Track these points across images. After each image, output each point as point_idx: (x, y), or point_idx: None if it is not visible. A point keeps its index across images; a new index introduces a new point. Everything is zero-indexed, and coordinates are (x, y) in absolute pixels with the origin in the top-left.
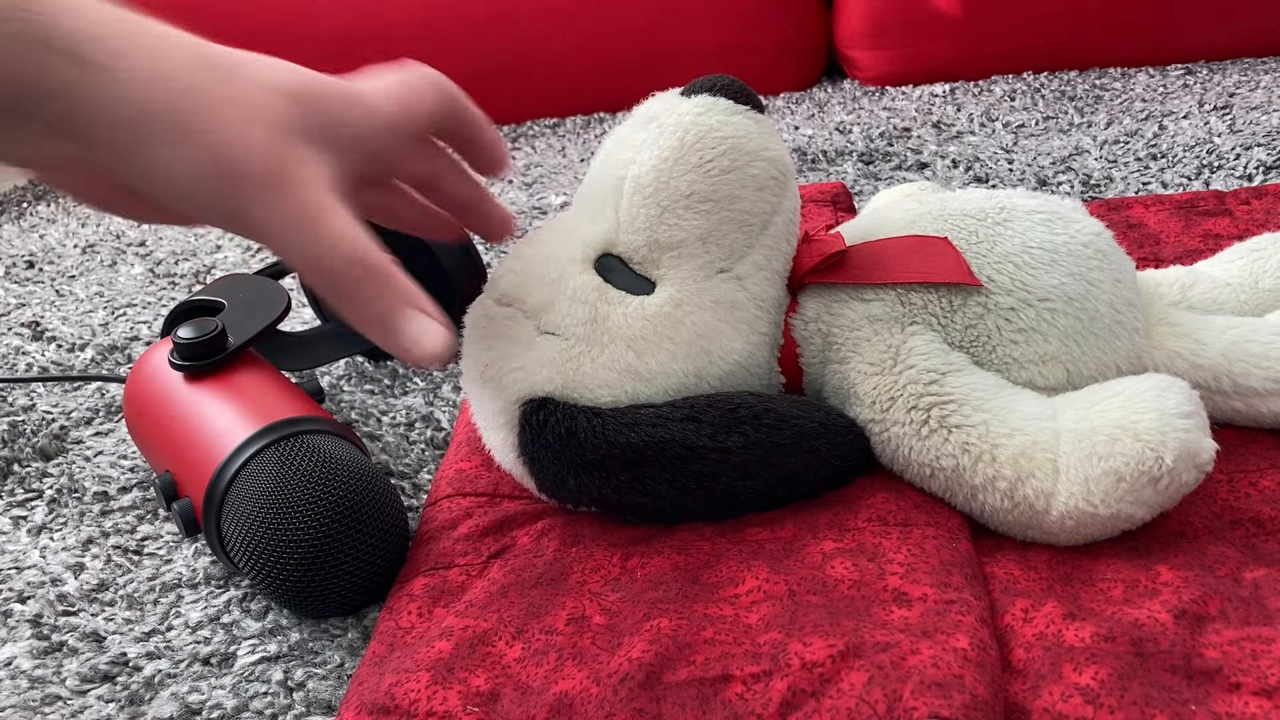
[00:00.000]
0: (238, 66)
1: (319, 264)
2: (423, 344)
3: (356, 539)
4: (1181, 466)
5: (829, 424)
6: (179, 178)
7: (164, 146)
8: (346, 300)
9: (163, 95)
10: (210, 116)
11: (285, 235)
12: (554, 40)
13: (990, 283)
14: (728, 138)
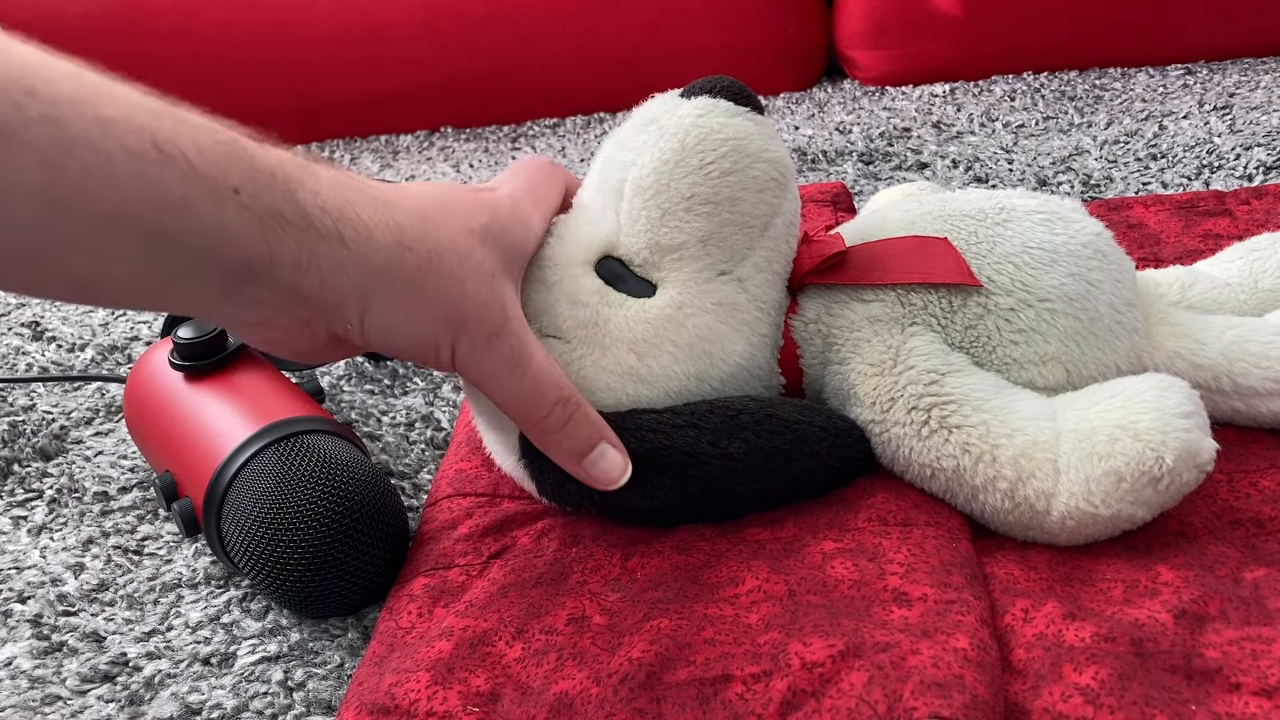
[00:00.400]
0: (441, 213)
1: (528, 403)
2: (611, 475)
3: (356, 539)
4: (1182, 466)
5: (830, 428)
6: (404, 329)
7: (393, 305)
8: (548, 436)
9: (391, 258)
10: (433, 271)
11: (498, 377)
12: (554, 40)
13: (990, 283)
14: (728, 140)
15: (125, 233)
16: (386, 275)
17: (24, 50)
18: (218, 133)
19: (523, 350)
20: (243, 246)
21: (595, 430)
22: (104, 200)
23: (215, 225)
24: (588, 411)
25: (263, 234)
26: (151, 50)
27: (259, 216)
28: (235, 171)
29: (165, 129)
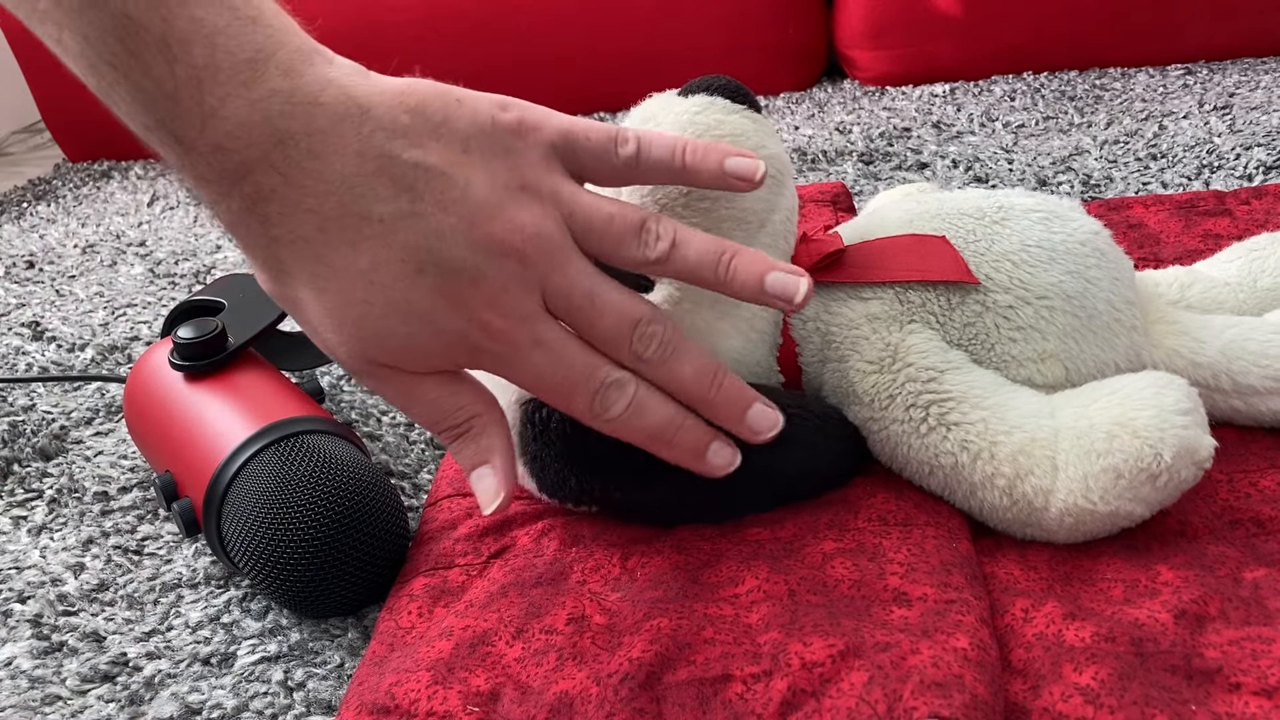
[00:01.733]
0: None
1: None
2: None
3: (356, 539)
4: (1180, 463)
5: (825, 415)
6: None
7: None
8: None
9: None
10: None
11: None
12: (554, 40)
13: (988, 281)
14: (724, 136)
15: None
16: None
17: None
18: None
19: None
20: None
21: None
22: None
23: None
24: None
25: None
26: None
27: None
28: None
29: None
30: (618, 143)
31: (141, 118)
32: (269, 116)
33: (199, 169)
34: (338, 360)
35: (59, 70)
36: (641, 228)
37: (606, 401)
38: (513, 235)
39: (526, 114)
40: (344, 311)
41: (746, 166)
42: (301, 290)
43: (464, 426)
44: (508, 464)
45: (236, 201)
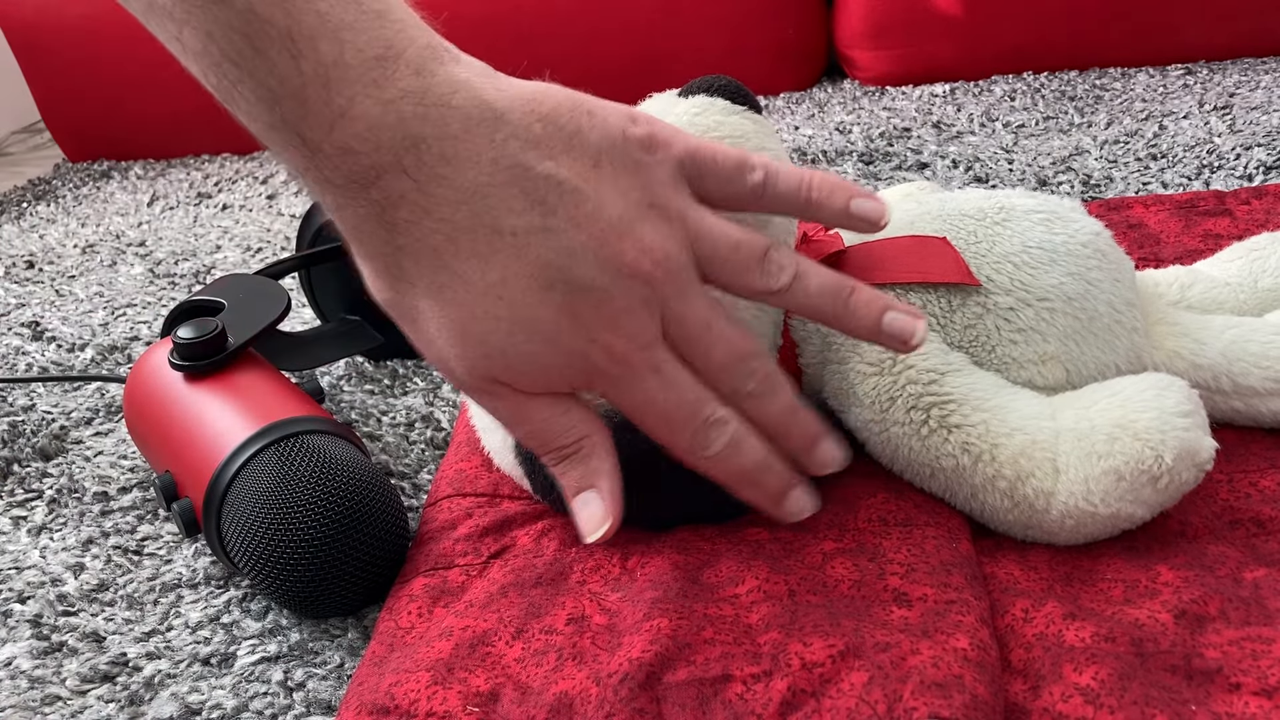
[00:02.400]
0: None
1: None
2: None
3: (356, 539)
4: (1181, 465)
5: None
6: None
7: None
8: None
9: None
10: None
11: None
12: (554, 40)
13: (989, 282)
14: (724, 137)
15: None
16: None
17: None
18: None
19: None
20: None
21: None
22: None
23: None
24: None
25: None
26: (152, 50)
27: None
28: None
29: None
30: (746, 169)
31: (264, 117)
32: (401, 118)
33: (325, 172)
34: (450, 374)
35: (59, 70)
36: (765, 257)
37: (708, 439)
38: (642, 258)
39: (656, 129)
40: (469, 325)
41: (873, 210)
42: (423, 301)
43: (573, 448)
44: (616, 489)
45: (364, 207)
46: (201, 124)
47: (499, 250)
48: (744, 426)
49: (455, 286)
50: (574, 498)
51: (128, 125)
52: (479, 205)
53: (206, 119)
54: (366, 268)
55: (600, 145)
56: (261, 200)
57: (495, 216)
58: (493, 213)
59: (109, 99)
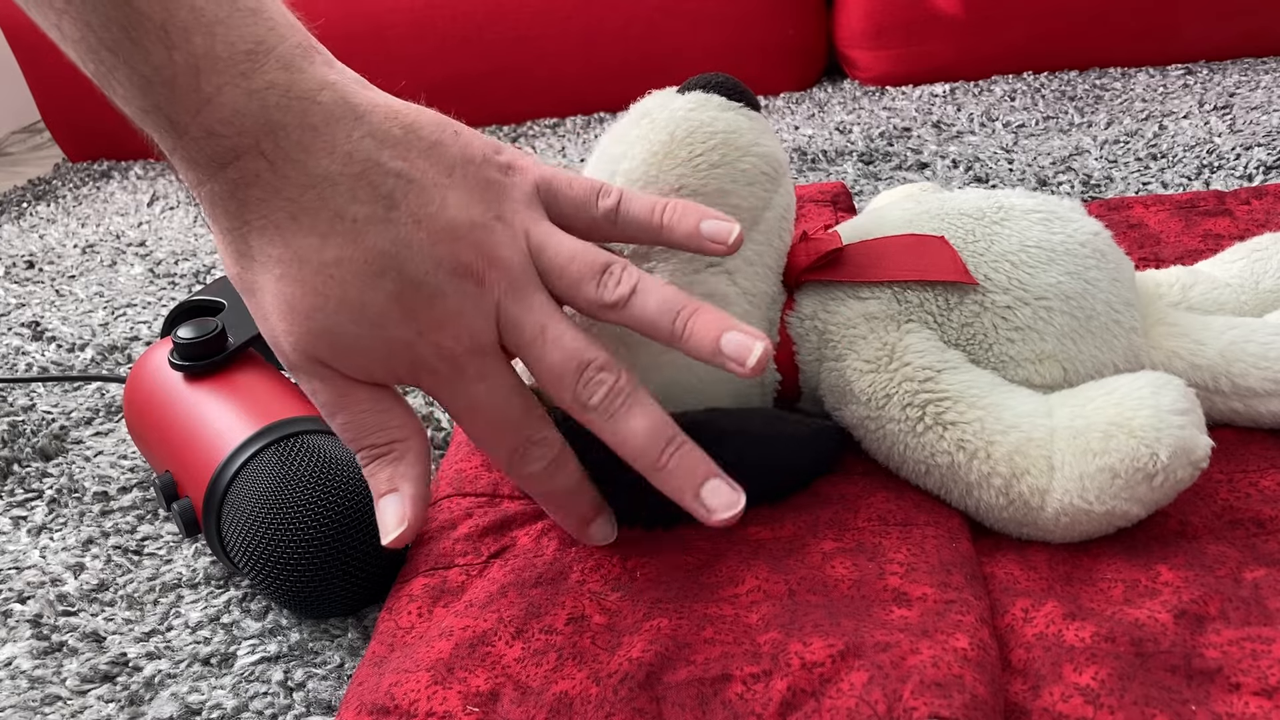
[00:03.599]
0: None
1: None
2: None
3: (356, 539)
4: (1176, 463)
5: (796, 435)
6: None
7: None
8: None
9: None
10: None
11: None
12: (554, 40)
13: (987, 281)
14: (718, 133)
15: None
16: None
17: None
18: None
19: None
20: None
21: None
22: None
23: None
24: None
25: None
26: None
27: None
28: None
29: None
30: (599, 195)
31: (138, 101)
32: (265, 107)
33: (189, 151)
34: (279, 350)
35: (59, 70)
36: (604, 270)
37: (529, 456)
38: (476, 259)
39: (516, 158)
40: (299, 301)
41: (721, 229)
42: (261, 275)
43: (385, 449)
44: (419, 495)
45: (220, 185)
46: None
47: (338, 233)
48: (566, 450)
49: (291, 262)
50: (379, 498)
51: (128, 125)
52: (326, 191)
53: None
54: (220, 243)
55: (457, 159)
56: None
57: (340, 203)
58: (338, 199)
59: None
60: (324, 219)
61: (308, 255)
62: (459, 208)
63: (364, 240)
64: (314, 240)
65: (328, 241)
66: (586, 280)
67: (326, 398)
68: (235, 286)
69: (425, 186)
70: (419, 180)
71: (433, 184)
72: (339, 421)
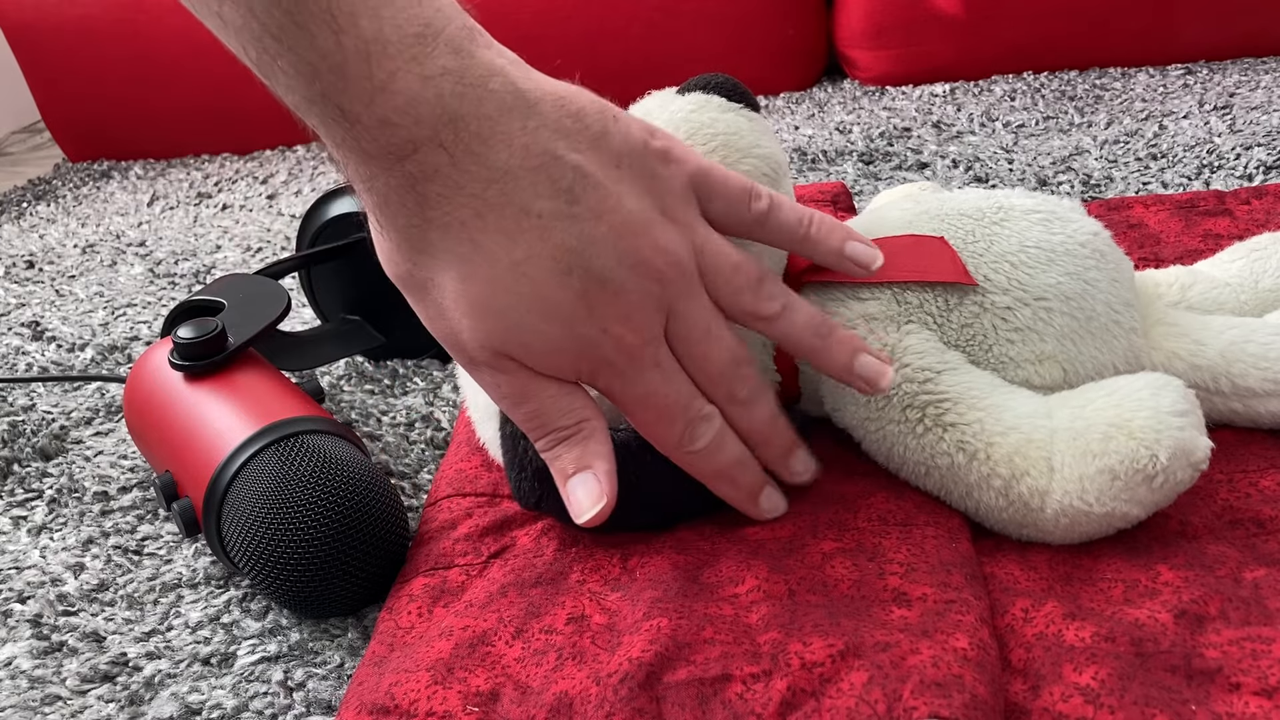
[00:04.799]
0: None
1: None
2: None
3: (356, 539)
4: (1176, 464)
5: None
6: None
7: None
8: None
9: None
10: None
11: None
12: (554, 40)
13: (987, 282)
14: (718, 134)
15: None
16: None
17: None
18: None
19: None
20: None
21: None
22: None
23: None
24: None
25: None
26: (152, 50)
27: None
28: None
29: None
30: (752, 196)
31: (303, 90)
32: (440, 95)
33: (363, 143)
34: (457, 346)
35: (59, 70)
36: (760, 283)
37: (696, 433)
38: (656, 256)
39: (673, 145)
40: (489, 299)
41: (865, 254)
42: (443, 274)
43: (573, 430)
44: (612, 472)
45: (396, 178)
46: (201, 124)
47: (525, 230)
48: (726, 425)
49: (479, 260)
50: (569, 479)
51: (128, 125)
52: (509, 185)
53: (206, 119)
54: (387, 240)
55: (622, 149)
56: (261, 200)
57: (524, 198)
58: (521, 194)
59: (109, 99)
60: (510, 215)
61: (497, 253)
62: (633, 202)
63: (551, 237)
64: (502, 239)
65: (516, 240)
66: (747, 290)
67: (511, 389)
68: (398, 283)
69: (601, 180)
70: (595, 174)
71: (607, 177)
72: (525, 410)
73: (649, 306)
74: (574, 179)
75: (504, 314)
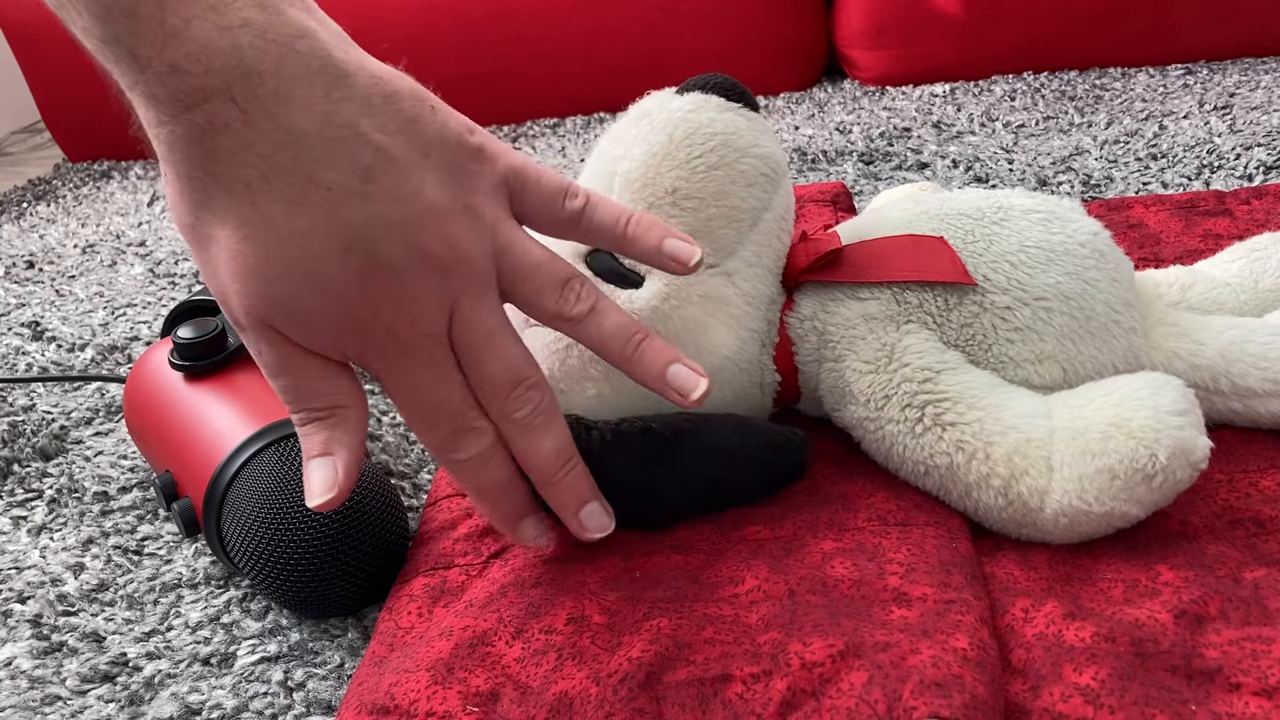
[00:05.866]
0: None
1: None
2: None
3: (356, 539)
4: (1175, 464)
5: (766, 444)
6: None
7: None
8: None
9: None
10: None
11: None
12: (554, 40)
13: (986, 281)
14: (717, 134)
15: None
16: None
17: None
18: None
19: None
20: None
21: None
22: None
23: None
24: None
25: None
26: None
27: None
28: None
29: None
30: (567, 195)
31: (97, 32)
32: (237, 46)
33: (150, 87)
34: (226, 307)
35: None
36: (565, 284)
37: (461, 443)
38: (445, 249)
39: (488, 143)
40: (262, 267)
41: (682, 250)
42: (220, 230)
43: (325, 413)
44: (353, 462)
45: (183, 127)
46: None
47: (311, 201)
48: (498, 444)
49: (258, 224)
50: (310, 459)
51: (128, 125)
52: (301, 152)
53: None
54: (174, 188)
55: (433, 139)
56: None
57: (315, 168)
58: (314, 163)
59: (109, 99)
60: (297, 183)
61: (277, 220)
62: (434, 192)
63: (339, 213)
64: (285, 206)
65: (299, 209)
66: (548, 291)
67: (271, 359)
68: (181, 232)
69: (404, 165)
70: (399, 158)
71: (410, 164)
72: (281, 383)
73: (429, 299)
74: (374, 159)
75: (274, 283)
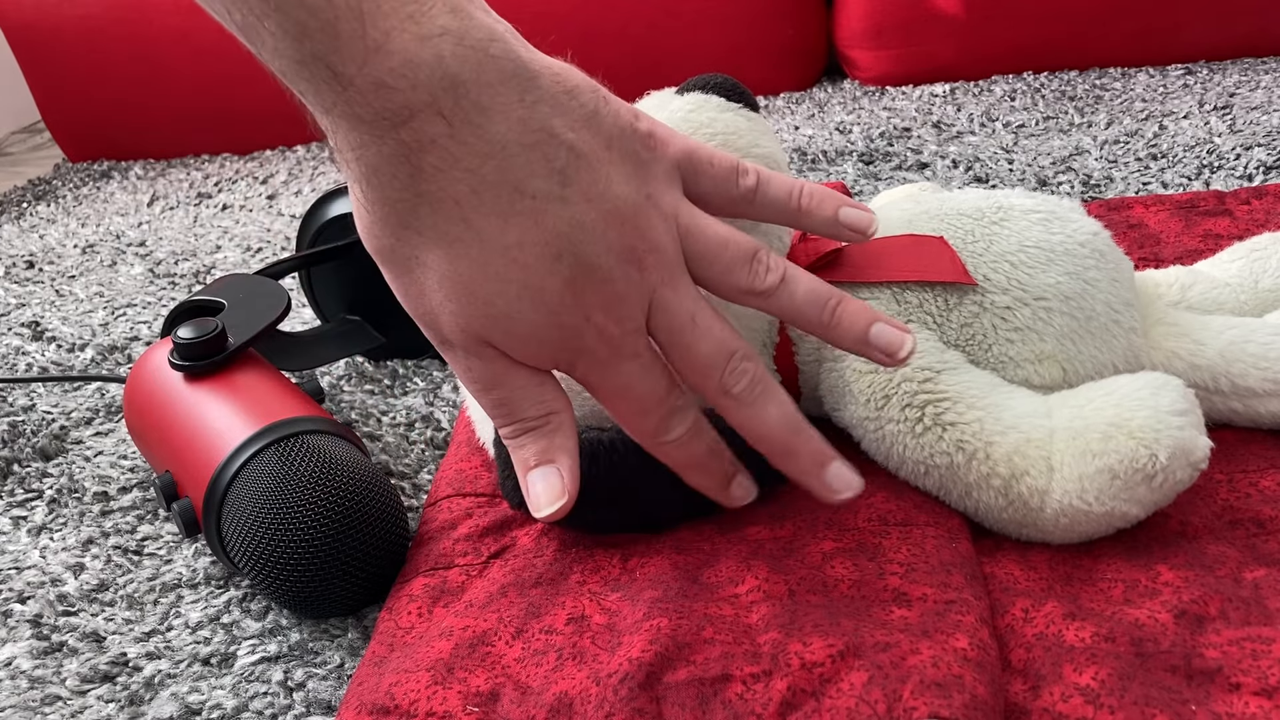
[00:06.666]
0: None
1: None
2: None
3: (356, 539)
4: (1176, 464)
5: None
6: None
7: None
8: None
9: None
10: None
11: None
12: (554, 40)
13: (986, 281)
14: (716, 134)
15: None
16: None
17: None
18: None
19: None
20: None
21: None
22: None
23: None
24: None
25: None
26: (152, 50)
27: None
28: None
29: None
30: (739, 173)
31: (291, 53)
32: (440, 57)
33: (355, 107)
34: (434, 328)
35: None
36: (753, 258)
37: (671, 425)
38: (639, 242)
39: (657, 128)
40: (477, 284)
41: (860, 218)
42: (429, 251)
43: (540, 421)
44: (575, 468)
45: (389, 147)
46: (201, 124)
47: (520, 212)
48: (700, 414)
49: (470, 241)
50: (530, 471)
51: (128, 125)
52: (505, 161)
53: (206, 119)
54: (372, 212)
55: (612, 130)
56: (261, 200)
57: (518, 177)
58: (517, 172)
59: (109, 99)
60: (505, 194)
61: (489, 236)
62: (620, 186)
63: (544, 221)
64: (496, 220)
65: (510, 222)
66: (738, 267)
67: (482, 375)
68: (376, 257)
69: (592, 162)
70: (587, 155)
71: (598, 159)
72: (493, 396)
73: (633, 296)
74: (568, 159)
75: (491, 300)
